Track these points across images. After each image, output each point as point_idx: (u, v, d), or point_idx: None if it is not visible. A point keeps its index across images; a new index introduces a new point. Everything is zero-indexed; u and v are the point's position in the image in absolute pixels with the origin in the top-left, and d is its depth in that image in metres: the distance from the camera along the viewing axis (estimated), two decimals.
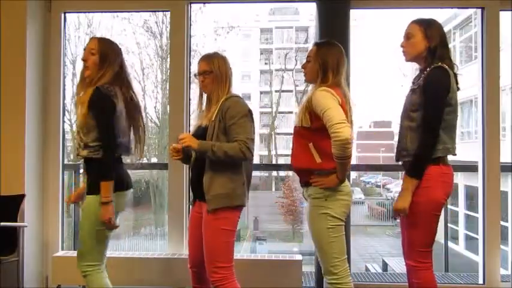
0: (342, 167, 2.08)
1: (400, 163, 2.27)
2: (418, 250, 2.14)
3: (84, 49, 2.30)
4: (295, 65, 13.43)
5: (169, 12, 3.38)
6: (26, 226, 2.92)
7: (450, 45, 2.31)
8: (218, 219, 2.13)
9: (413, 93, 2.15)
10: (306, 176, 2.20)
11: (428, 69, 2.12)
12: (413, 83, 2.24)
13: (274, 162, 12.81)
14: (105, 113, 2.17)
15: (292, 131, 2.29)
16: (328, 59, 2.19)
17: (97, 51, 2.27)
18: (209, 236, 2.15)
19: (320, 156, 2.13)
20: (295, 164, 2.25)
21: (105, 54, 2.26)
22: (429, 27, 2.18)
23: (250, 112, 2.20)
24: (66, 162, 3.43)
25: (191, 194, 2.47)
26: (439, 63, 2.10)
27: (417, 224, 2.12)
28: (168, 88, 3.61)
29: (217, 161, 2.12)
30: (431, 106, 2.07)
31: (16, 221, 2.81)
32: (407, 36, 2.21)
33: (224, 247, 2.15)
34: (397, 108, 2.34)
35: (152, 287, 3.09)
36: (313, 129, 2.13)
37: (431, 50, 2.14)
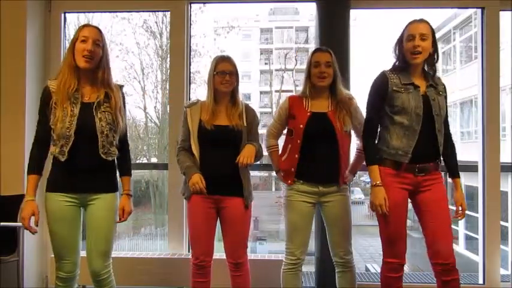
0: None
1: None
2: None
3: (76, 36, 2.02)
4: (295, 65, 13.41)
5: (169, 12, 3.38)
6: None
7: (450, 45, 2.33)
8: (250, 211, 2.44)
9: (444, 100, 2.21)
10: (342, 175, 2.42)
11: (435, 76, 2.19)
12: (422, 85, 2.18)
13: None
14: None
15: None
16: (336, 67, 2.43)
17: (102, 44, 2.05)
18: (243, 225, 2.43)
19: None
20: (346, 165, 2.46)
21: (106, 49, 2.10)
22: (434, 32, 2.19)
23: None
24: None
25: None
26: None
27: (449, 220, 2.16)
28: (168, 88, 3.60)
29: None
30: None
31: (16, 221, 2.80)
32: (423, 37, 2.11)
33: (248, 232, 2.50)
34: None
35: (152, 287, 3.10)
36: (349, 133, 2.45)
37: (431, 55, 2.16)
